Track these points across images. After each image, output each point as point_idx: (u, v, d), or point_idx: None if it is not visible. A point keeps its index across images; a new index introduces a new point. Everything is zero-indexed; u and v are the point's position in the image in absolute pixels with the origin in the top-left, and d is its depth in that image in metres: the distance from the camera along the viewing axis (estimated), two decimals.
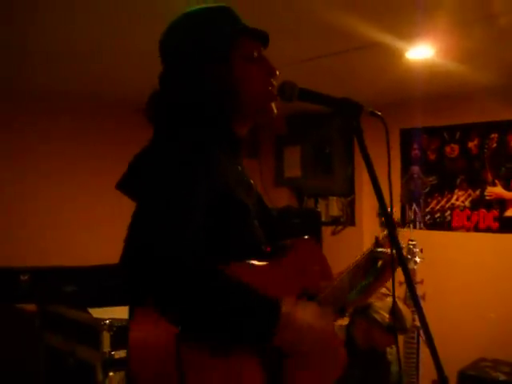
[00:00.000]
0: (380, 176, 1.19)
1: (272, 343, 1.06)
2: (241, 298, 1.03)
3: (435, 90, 3.67)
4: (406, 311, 2.20)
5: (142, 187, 1.10)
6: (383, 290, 2.33)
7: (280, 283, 1.21)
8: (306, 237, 1.36)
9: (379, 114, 1.20)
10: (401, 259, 1.20)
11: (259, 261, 1.18)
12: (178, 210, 1.03)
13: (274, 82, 1.28)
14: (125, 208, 1.18)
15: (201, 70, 1.20)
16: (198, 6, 1.28)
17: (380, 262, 1.42)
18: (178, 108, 1.21)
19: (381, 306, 2.34)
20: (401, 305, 2.21)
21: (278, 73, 1.28)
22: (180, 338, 1.00)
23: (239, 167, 1.29)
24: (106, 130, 4.09)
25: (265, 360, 1.10)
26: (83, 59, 2.90)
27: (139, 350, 1.02)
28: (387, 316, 2.30)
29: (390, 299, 2.35)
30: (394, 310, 2.19)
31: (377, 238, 1.45)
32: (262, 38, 1.28)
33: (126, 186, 1.21)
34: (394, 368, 2.45)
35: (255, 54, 1.26)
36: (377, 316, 2.32)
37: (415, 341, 2.24)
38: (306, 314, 1.11)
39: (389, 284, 1.41)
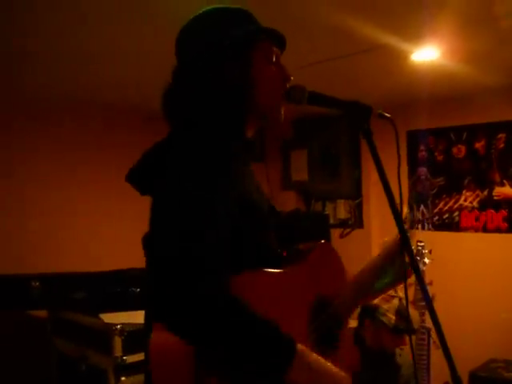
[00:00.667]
0: (389, 178, 1.19)
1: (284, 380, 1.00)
2: (255, 332, 0.97)
3: (441, 91, 3.67)
4: (412, 312, 2.19)
5: (162, 187, 1.05)
6: (390, 291, 2.33)
7: (296, 289, 1.21)
8: (323, 241, 1.36)
9: (388, 116, 1.21)
10: (414, 261, 1.20)
11: (276, 267, 1.17)
12: (201, 218, 0.99)
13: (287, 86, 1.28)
14: (135, 214, 1.18)
15: (221, 67, 1.19)
16: (217, 6, 1.27)
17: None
18: (197, 105, 1.19)
19: (387, 308, 2.34)
20: (408, 306, 2.21)
21: (292, 78, 1.28)
22: (199, 352, 0.98)
23: (252, 173, 1.29)
24: (116, 136, 4.11)
25: None
26: (85, 61, 2.90)
27: (160, 356, 1.02)
28: (393, 318, 2.30)
29: (396, 301, 2.35)
30: (402, 312, 2.19)
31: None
32: (281, 43, 1.29)
33: (137, 179, 1.18)
34: (405, 371, 2.44)
35: (273, 56, 1.26)
36: (383, 318, 2.32)
37: (426, 342, 2.23)
38: (319, 359, 1.06)
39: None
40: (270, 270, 1.14)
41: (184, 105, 1.20)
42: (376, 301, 2.34)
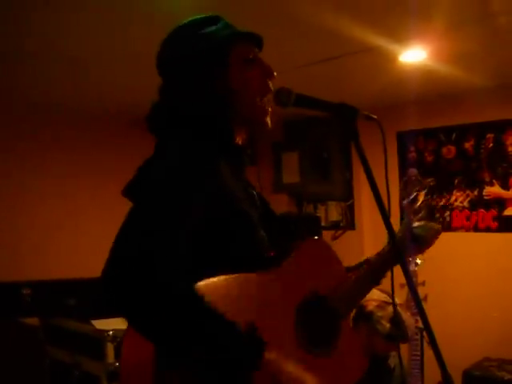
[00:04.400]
0: (378, 179, 1.20)
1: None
2: (218, 335, 0.98)
3: (430, 92, 3.69)
4: (408, 319, 2.19)
5: (138, 194, 1.09)
6: (385, 298, 2.33)
7: (281, 289, 1.20)
8: (316, 237, 1.35)
9: (375, 117, 1.21)
10: (403, 263, 1.21)
11: (260, 268, 1.16)
12: (166, 222, 1.00)
13: (271, 84, 1.28)
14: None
15: (200, 78, 1.21)
16: (190, 18, 1.29)
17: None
18: (181, 118, 1.20)
19: (382, 315, 2.33)
20: (403, 313, 2.20)
21: (275, 74, 1.28)
22: (159, 354, 1.00)
23: (242, 176, 1.29)
24: (107, 143, 4.10)
25: None
26: (81, 66, 2.89)
27: (126, 365, 1.05)
28: (388, 326, 2.30)
29: (391, 308, 2.34)
30: (396, 320, 2.19)
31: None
32: (257, 41, 1.29)
33: (130, 192, 1.20)
34: (398, 371, 2.44)
35: (251, 56, 1.26)
36: (378, 326, 2.31)
37: (419, 342, 2.23)
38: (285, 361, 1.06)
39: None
40: (246, 274, 1.13)
41: (168, 120, 1.22)
42: (371, 307, 2.33)
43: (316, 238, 1.35)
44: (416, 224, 1.58)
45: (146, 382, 1.01)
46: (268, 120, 1.28)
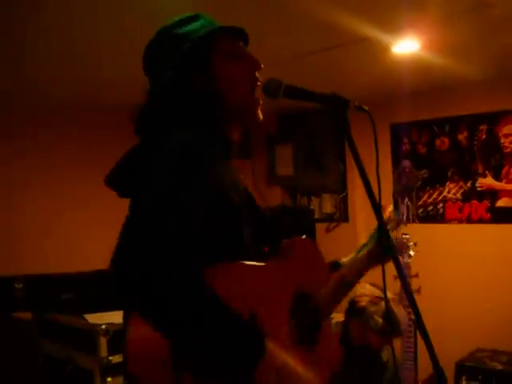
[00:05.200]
0: (371, 171, 1.19)
1: (252, 376, 1.00)
2: (226, 329, 0.98)
3: (423, 83, 3.69)
4: (401, 314, 2.19)
5: (138, 186, 1.06)
6: (378, 293, 2.33)
7: (276, 282, 1.21)
8: (304, 236, 1.36)
9: (366, 108, 1.20)
10: (394, 257, 1.21)
11: (257, 261, 1.17)
12: (176, 213, 0.99)
13: (259, 76, 1.27)
14: (120, 214, 1.17)
15: (185, 78, 1.20)
16: (172, 19, 1.29)
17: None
18: (170, 117, 1.20)
19: (375, 310, 2.33)
20: (396, 308, 2.20)
21: (262, 66, 1.27)
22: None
23: (232, 169, 1.28)
24: (104, 138, 4.07)
25: None
26: (80, 62, 2.87)
27: (137, 351, 1.02)
28: (381, 321, 2.29)
29: (384, 303, 2.34)
30: (388, 315, 2.19)
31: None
32: (241, 35, 1.28)
33: (116, 182, 1.20)
34: (391, 364, 2.45)
35: (235, 50, 1.25)
36: (371, 322, 2.31)
37: (412, 334, 2.24)
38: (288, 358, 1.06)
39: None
40: (247, 262, 1.14)
41: (159, 120, 1.21)
42: (363, 303, 2.33)
43: (304, 237, 1.36)
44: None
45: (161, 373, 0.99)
46: (259, 112, 1.27)
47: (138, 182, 1.08)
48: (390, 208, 1.66)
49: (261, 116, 1.28)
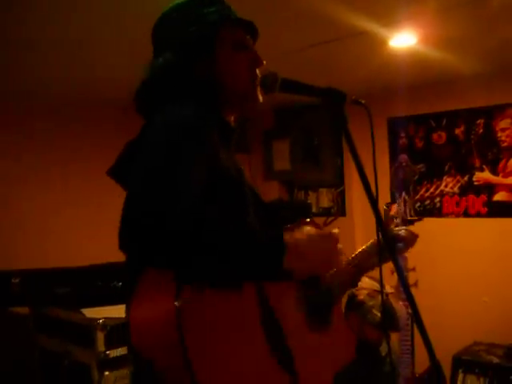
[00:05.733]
0: (369, 165, 1.18)
1: (281, 272, 1.07)
2: (246, 238, 1.04)
3: (420, 77, 3.68)
4: (399, 309, 2.19)
5: (141, 157, 1.06)
6: (376, 286, 2.33)
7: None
8: (308, 220, 1.36)
9: (363, 102, 1.20)
10: (392, 250, 1.21)
11: None
12: (182, 170, 1.00)
13: (259, 73, 1.27)
14: (116, 208, 1.16)
15: (188, 59, 1.21)
16: None
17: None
18: (172, 94, 1.19)
19: (373, 304, 2.33)
20: (394, 302, 2.21)
21: (264, 63, 1.27)
22: (180, 312, 0.98)
23: (232, 154, 1.28)
24: (101, 135, 4.06)
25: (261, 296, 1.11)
26: (72, 51, 2.84)
27: (141, 325, 1.02)
28: (378, 315, 2.30)
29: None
30: (386, 310, 2.19)
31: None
32: (249, 29, 1.28)
33: (117, 172, 1.20)
34: (389, 359, 2.45)
35: (241, 42, 1.26)
36: (369, 316, 2.32)
37: (409, 327, 2.24)
38: (307, 239, 1.16)
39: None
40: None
41: (159, 96, 1.21)
42: (362, 297, 2.34)
43: (308, 220, 1.36)
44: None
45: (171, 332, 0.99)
46: (258, 93, 1.27)
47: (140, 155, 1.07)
48: (395, 208, 1.67)
49: (260, 97, 1.27)
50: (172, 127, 1.06)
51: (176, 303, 0.97)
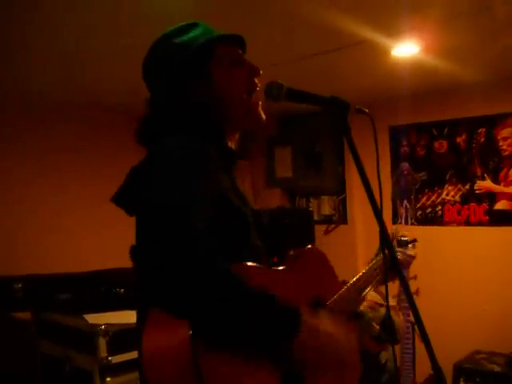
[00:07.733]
0: (371, 173, 1.19)
1: (291, 352, 1.03)
2: (261, 304, 1.00)
3: (423, 86, 3.70)
4: (398, 322, 2.19)
5: (143, 191, 1.06)
6: (378, 299, 2.33)
7: (291, 290, 1.20)
8: (309, 246, 1.35)
9: (366, 111, 1.21)
10: (395, 260, 1.21)
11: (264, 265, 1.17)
12: (187, 209, 0.99)
13: (258, 82, 1.28)
14: (118, 215, 1.17)
15: (182, 88, 1.22)
16: (172, 27, 1.29)
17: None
18: (171, 126, 1.20)
19: (373, 316, 2.33)
20: (394, 315, 2.21)
21: (261, 72, 1.28)
22: (195, 340, 0.97)
23: (233, 178, 1.28)
24: (102, 138, 4.08)
25: (283, 372, 1.06)
26: (78, 61, 2.87)
27: (154, 355, 1.00)
28: (377, 328, 2.30)
29: (383, 310, 2.35)
30: (386, 323, 2.19)
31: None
32: (238, 43, 1.29)
33: (122, 198, 1.20)
34: (389, 366, 2.45)
35: (234, 58, 1.27)
36: (368, 328, 2.32)
37: (410, 336, 2.25)
38: (325, 322, 1.10)
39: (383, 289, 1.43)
40: (258, 265, 1.13)
41: (160, 129, 1.21)
42: (362, 308, 2.34)
43: (312, 246, 1.36)
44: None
45: (184, 369, 0.98)
46: (260, 112, 1.28)
47: (142, 187, 1.07)
48: (394, 227, 1.68)
49: (263, 116, 1.29)
50: (170, 161, 1.06)
51: (190, 332, 0.97)
